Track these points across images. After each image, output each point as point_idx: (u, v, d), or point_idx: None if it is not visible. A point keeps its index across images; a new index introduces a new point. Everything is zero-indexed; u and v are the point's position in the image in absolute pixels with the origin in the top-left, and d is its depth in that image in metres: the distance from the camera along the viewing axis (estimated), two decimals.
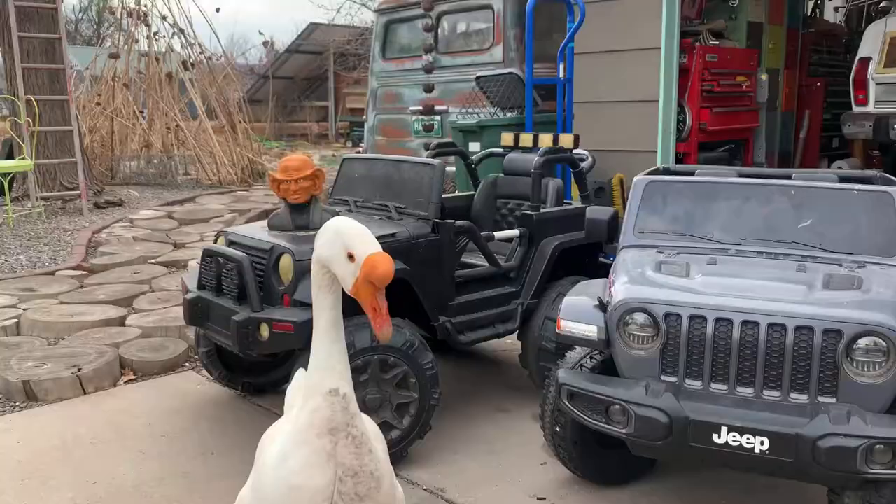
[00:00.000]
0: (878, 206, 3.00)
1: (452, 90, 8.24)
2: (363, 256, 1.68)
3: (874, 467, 2.34)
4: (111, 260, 6.73)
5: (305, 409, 1.78)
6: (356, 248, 1.69)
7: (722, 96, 7.39)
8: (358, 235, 1.71)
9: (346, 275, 1.70)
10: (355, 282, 1.68)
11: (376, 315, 1.71)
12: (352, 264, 1.68)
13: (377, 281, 1.66)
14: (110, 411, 3.92)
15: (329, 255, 1.73)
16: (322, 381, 1.78)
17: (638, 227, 3.27)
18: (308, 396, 1.79)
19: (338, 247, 1.71)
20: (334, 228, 1.74)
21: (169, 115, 12.39)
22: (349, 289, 1.71)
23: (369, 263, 1.66)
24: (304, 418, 1.77)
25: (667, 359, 2.65)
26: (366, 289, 1.68)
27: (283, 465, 1.76)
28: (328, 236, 1.74)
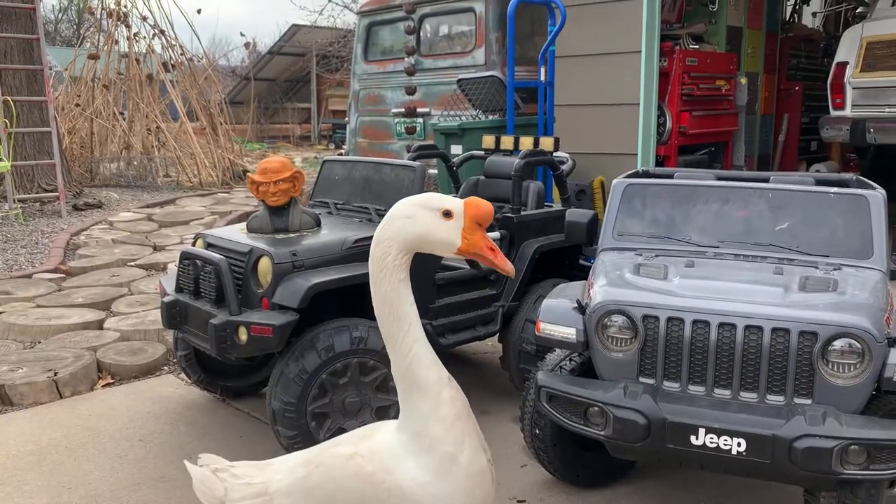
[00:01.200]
0: (853, 209, 3.03)
1: (435, 92, 8.24)
2: (460, 204, 1.69)
3: (849, 468, 2.36)
4: (89, 262, 6.67)
5: (438, 406, 1.72)
6: (447, 203, 1.70)
7: (702, 100, 7.44)
8: (440, 196, 1.72)
9: (450, 233, 1.69)
10: (463, 233, 1.69)
11: (496, 254, 1.71)
12: (451, 220, 1.69)
13: (485, 218, 1.69)
14: (87, 416, 3.88)
15: (423, 229, 1.70)
16: (440, 372, 1.76)
17: (617, 230, 3.28)
18: (427, 394, 1.73)
19: (429, 215, 1.69)
20: (413, 204, 1.72)
21: (149, 117, 12.31)
22: (456, 247, 1.70)
23: (471, 206, 1.69)
24: (447, 412, 1.72)
25: (645, 361, 2.66)
26: (476, 234, 1.69)
27: (455, 466, 1.71)
28: (410, 214, 1.71)
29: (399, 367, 1.77)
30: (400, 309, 1.75)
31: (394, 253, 1.73)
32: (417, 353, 1.75)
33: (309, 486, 1.81)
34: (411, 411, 1.75)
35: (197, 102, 12.84)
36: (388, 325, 1.77)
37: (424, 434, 1.72)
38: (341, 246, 3.38)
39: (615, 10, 6.50)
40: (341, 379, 3.18)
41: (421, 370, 1.74)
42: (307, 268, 3.24)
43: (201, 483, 1.97)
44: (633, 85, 6.41)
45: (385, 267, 1.74)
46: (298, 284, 3.13)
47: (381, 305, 1.76)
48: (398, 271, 1.74)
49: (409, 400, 1.76)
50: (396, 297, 1.74)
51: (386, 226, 1.74)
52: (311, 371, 3.09)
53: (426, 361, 1.75)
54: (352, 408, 3.22)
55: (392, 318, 1.75)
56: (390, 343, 1.78)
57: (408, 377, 1.75)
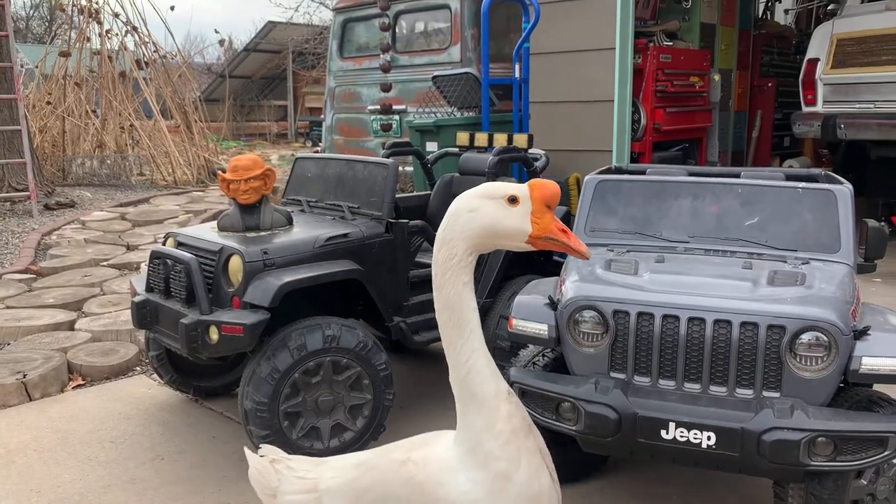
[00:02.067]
0: (821, 204, 3.07)
1: (410, 89, 8.23)
2: (525, 188, 1.62)
3: (816, 459, 2.38)
4: (61, 263, 6.58)
5: (494, 421, 1.64)
6: (510, 189, 1.62)
7: (676, 96, 7.51)
8: (498, 183, 1.65)
9: (519, 219, 1.61)
10: (532, 217, 1.61)
11: (569, 236, 1.64)
12: (517, 206, 1.61)
13: (553, 198, 1.61)
14: (56, 418, 3.82)
15: (490, 220, 1.61)
16: (499, 386, 1.67)
17: (589, 226, 3.29)
18: (483, 409, 1.65)
19: (493, 205, 1.61)
20: (475, 196, 1.63)
21: (123, 115, 12.15)
22: (527, 233, 1.62)
23: (537, 187, 1.61)
24: (503, 428, 1.64)
25: (616, 356, 2.67)
26: (546, 216, 1.62)
27: (508, 485, 1.62)
28: (473, 208, 1.62)
29: (456, 377, 1.68)
30: (462, 314, 1.66)
31: (460, 253, 1.64)
32: (475, 364, 1.66)
33: (358, 487, 1.77)
34: (467, 425, 1.68)
35: (171, 100, 12.71)
36: (448, 332, 1.68)
37: (479, 450, 1.65)
38: (313, 244, 3.36)
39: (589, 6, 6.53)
40: (314, 378, 3.16)
41: (478, 382, 1.65)
42: (278, 266, 3.22)
43: (257, 472, 1.93)
44: (608, 82, 6.45)
45: (450, 269, 1.64)
46: (269, 283, 3.10)
47: (444, 310, 1.67)
48: (463, 273, 1.65)
49: (465, 413, 1.68)
50: (459, 302, 1.65)
51: (449, 224, 1.65)
52: (284, 370, 3.07)
53: (484, 373, 1.66)
54: (325, 406, 3.20)
55: (452, 324, 1.66)
56: (449, 351, 1.69)
57: (465, 389, 1.67)
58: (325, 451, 3.19)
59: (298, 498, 1.85)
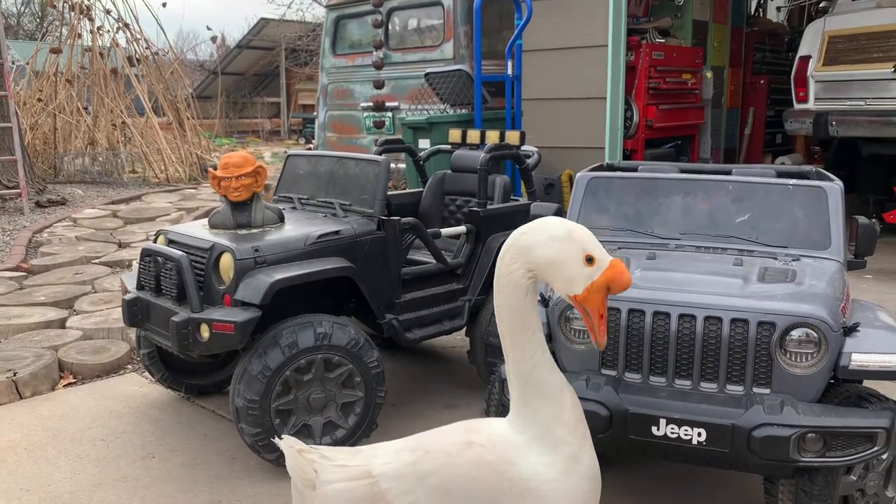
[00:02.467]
0: (811, 201, 3.08)
1: (403, 86, 8.22)
2: (607, 260, 1.64)
3: (806, 455, 2.39)
4: (52, 260, 6.55)
5: (562, 410, 1.74)
6: (596, 251, 1.64)
7: (668, 93, 7.52)
8: (594, 239, 1.66)
9: (578, 278, 1.65)
10: (589, 286, 1.64)
11: (602, 322, 1.68)
12: (588, 268, 1.63)
13: (618, 287, 1.64)
14: (47, 416, 3.81)
15: (557, 257, 1.64)
16: (561, 377, 1.77)
17: (580, 223, 3.29)
18: (551, 399, 1.74)
19: (572, 249, 1.63)
20: (564, 230, 1.66)
21: (114, 112, 12.11)
22: (574, 293, 1.66)
23: (616, 268, 1.64)
24: (571, 416, 1.75)
25: (607, 353, 2.67)
26: (599, 295, 1.65)
27: (578, 466, 1.73)
28: (555, 237, 1.65)
29: (520, 370, 1.76)
30: (525, 315, 1.73)
31: (521, 269, 1.69)
32: (541, 359, 1.75)
33: (421, 471, 1.75)
34: (530, 415, 1.75)
35: (163, 97, 12.67)
36: (511, 329, 1.74)
37: (548, 437, 1.73)
38: (305, 241, 3.35)
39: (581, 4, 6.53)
40: (305, 375, 3.16)
41: (545, 375, 1.75)
42: (270, 264, 3.21)
43: (294, 462, 1.85)
44: (600, 79, 6.46)
45: (512, 273, 1.70)
46: (261, 281, 3.10)
47: (505, 311, 1.74)
48: (524, 280, 1.70)
49: (528, 403, 1.75)
50: (521, 306, 1.72)
51: (529, 234, 1.69)
52: (275, 368, 3.06)
53: (549, 367, 1.76)
54: (316, 404, 3.20)
55: (514, 323, 1.73)
56: (511, 347, 1.76)
57: (530, 382, 1.75)
58: None
59: (348, 485, 1.79)
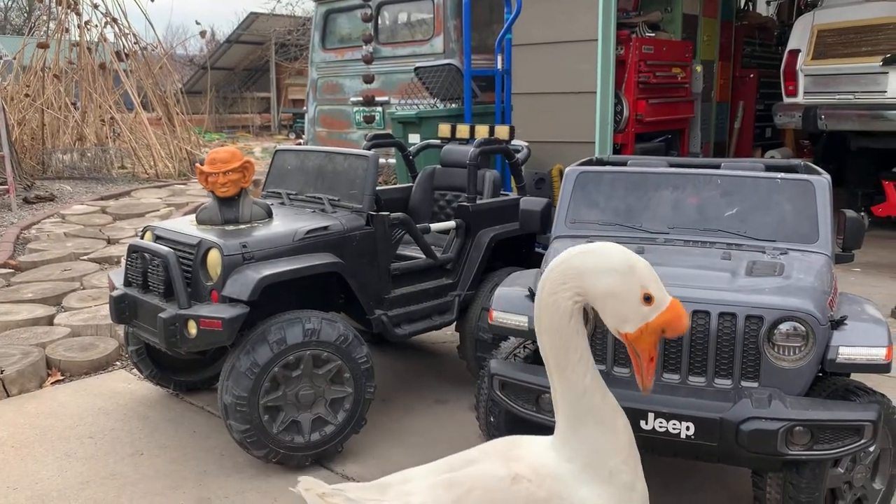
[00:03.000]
0: (799, 194, 3.08)
1: (393, 81, 8.20)
2: (667, 302, 1.53)
3: (794, 449, 2.40)
4: (40, 257, 6.51)
5: (616, 437, 1.64)
6: (656, 290, 1.53)
7: (658, 87, 7.51)
8: (655, 276, 1.54)
9: (632, 316, 1.54)
10: (642, 327, 1.53)
11: (651, 365, 1.59)
12: (645, 307, 1.52)
13: (674, 331, 1.54)
14: (35, 414, 3.79)
15: (613, 290, 1.53)
16: (613, 401, 1.67)
17: (569, 218, 3.29)
18: (604, 425, 1.64)
19: (631, 284, 1.52)
20: (627, 262, 1.54)
21: (103, 107, 12.03)
22: (626, 332, 1.56)
23: (675, 312, 1.53)
24: (624, 442, 1.66)
25: (596, 347, 2.67)
26: (652, 338, 1.55)
27: (633, 494, 1.66)
28: (615, 268, 1.53)
29: (569, 395, 1.65)
30: (570, 340, 1.62)
31: (568, 292, 1.58)
32: (591, 383, 1.64)
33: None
34: (581, 442, 1.64)
35: (152, 92, 12.59)
36: (556, 354, 1.64)
37: (601, 465, 1.63)
38: (293, 237, 3.34)
39: None
40: (294, 372, 3.14)
41: (597, 401, 1.65)
42: (257, 260, 3.19)
43: None
44: (590, 73, 6.44)
45: (557, 293, 1.59)
46: (248, 277, 3.08)
47: (546, 332, 1.63)
48: (568, 302, 1.58)
49: (580, 429, 1.64)
50: (564, 329, 1.61)
51: (586, 257, 1.57)
52: (263, 364, 3.05)
53: (600, 392, 1.66)
54: (305, 400, 3.19)
55: (557, 347, 1.63)
56: (557, 371, 1.66)
57: (581, 408, 1.64)
58: (307, 445, 3.18)
59: None
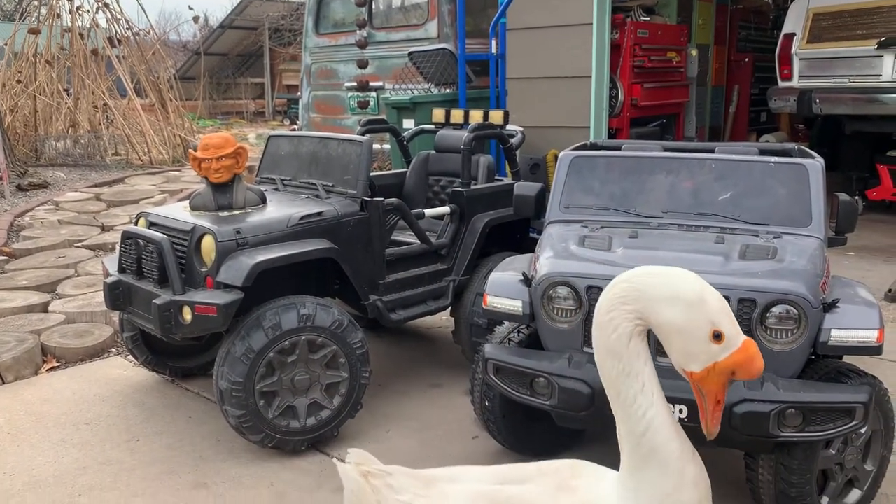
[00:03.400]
0: (793, 178, 3.08)
1: (388, 66, 8.16)
2: (739, 342, 1.37)
3: (786, 431, 2.42)
4: (34, 244, 6.49)
5: (680, 487, 1.44)
6: (728, 327, 1.37)
7: (653, 72, 7.50)
8: (728, 310, 1.38)
9: (699, 354, 1.38)
10: (710, 366, 1.38)
11: (717, 408, 1.42)
12: (714, 345, 1.36)
13: (745, 374, 1.38)
14: (30, 400, 3.79)
15: (678, 322, 1.38)
16: (683, 445, 1.48)
17: (563, 203, 3.29)
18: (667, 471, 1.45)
19: (700, 318, 1.37)
20: (697, 293, 1.38)
21: (96, 94, 11.95)
22: (691, 371, 1.40)
23: (747, 354, 1.37)
24: (690, 497, 1.46)
25: (589, 331, 2.68)
26: (720, 379, 1.39)
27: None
28: (683, 297, 1.38)
29: (631, 430, 1.48)
30: (629, 363, 1.46)
31: (626, 314, 1.43)
32: (655, 418, 1.45)
33: None
34: (643, 485, 1.47)
35: (145, 78, 12.52)
36: (614, 380, 1.48)
37: None
38: (287, 223, 3.33)
39: None
40: (289, 357, 3.15)
41: (660, 441, 1.45)
42: (252, 245, 3.19)
43: (353, 494, 1.61)
44: (585, 57, 6.41)
45: (614, 311, 1.44)
46: (243, 263, 3.08)
47: (603, 353, 1.48)
48: (626, 323, 1.44)
49: (642, 470, 1.47)
50: (625, 350, 1.45)
51: (652, 278, 1.43)
52: (258, 350, 3.06)
53: (667, 431, 1.45)
54: (301, 385, 3.20)
55: (616, 371, 1.47)
56: (616, 400, 1.50)
57: (642, 447, 1.46)
58: (302, 430, 3.20)
59: None
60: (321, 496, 2.94)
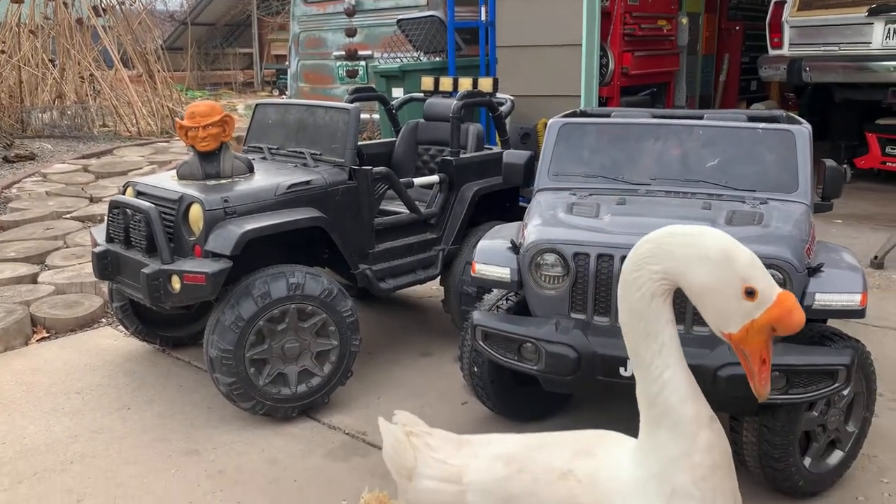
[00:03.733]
0: (780, 144, 3.09)
1: (376, 34, 8.08)
2: (773, 296, 1.33)
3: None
4: (22, 216, 6.45)
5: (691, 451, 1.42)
6: (761, 283, 1.33)
7: (644, 40, 7.46)
8: (760, 266, 1.35)
9: (733, 314, 1.35)
10: (747, 325, 1.35)
11: (764, 369, 1.39)
12: (748, 303, 1.33)
13: (786, 328, 1.34)
14: (21, 371, 3.80)
15: (707, 282, 1.35)
16: (700, 409, 1.46)
17: (552, 170, 3.29)
18: (679, 434, 1.43)
19: (728, 277, 1.34)
20: (722, 251, 1.35)
21: (82, 64, 11.79)
22: (728, 331, 1.37)
23: (784, 307, 1.33)
24: (702, 461, 1.42)
25: (576, 297, 2.70)
26: (760, 337, 1.35)
27: None
28: (708, 255, 1.35)
29: (646, 391, 1.48)
30: (648, 324, 1.45)
31: (652, 274, 1.42)
32: (671, 380, 1.44)
33: (508, 491, 1.58)
34: (655, 448, 1.46)
35: (132, 49, 12.35)
36: (634, 340, 1.48)
37: (667, 480, 1.43)
38: (275, 191, 3.33)
39: None
40: (279, 325, 3.17)
41: (674, 402, 1.44)
42: (240, 214, 3.19)
43: (392, 448, 1.72)
44: (576, 25, 6.37)
45: (641, 270, 1.43)
46: (231, 231, 3.08)
47: (628, 314, 1.48)
48: (651, 283, 1.42)
49: (654, 434, 1.46)
50: (643, 312, 1.44)
51: (678, 238, 1.40)
52: (248, 318, 3.07)
53: (682, 393, 1.44)
54: (291, 353, 3.22)
55: (638, 332, 1.47)
56: (636, 361, 1.50)
57: (656, 407, 1.46)
58: (293, 397, 3.22)
59: (439, 486, 1.65)
60: (312, 461, 2.97)
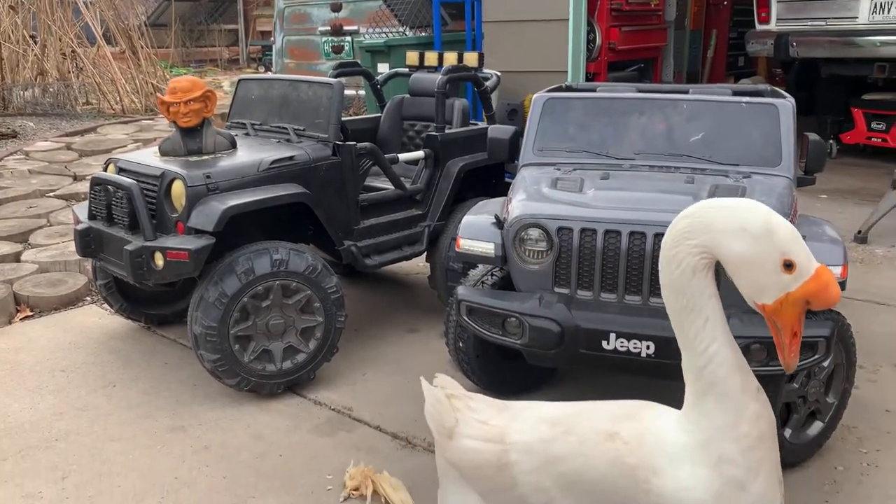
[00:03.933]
0: (764, 118, 3.09)
1: (362, 9, 8.00)
2: (812, 270, 1.34)
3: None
4: (5, 194, 6.38)
5: (739, 421, 1.45)
6: (799, 255, 1.34)
7: (631, 15, 7.42)
8: (799, 240, 1.36)
9: (770, 286, 1.36)
10: (782, 298, 1.35)
11: (794, 341, 1.40)
12: (786, 275, 1.34)
13: (821, 303, 1.35)
14: (4, 349, 3.78)
15: (746, 255, 1.36)
16: (747, 380, 1.49)
17: (537, 145, 3.28)
18: (727, 404, 1.46)
19: (768, 249, 1.34)
20: (763, 224, 1.36)
21: (63, 41, 11.62)
22: (762, 303, 1.39)
23: (822, 281, 1.34)
24: (749, 431, 1.45)
25: (560, 271, 2.71)
26: (795, 310, 1.36)
27: (741, 496, 1.45)
28: (749, 229, 1.36)
29: (693, 365, 1.50)
30: (693, 300, 1.46)
31: (692, 248, 1.42)
32: (717, 353, 1.46)
33: (554, 453, 1.60)
34: (702, 417, 1.49)
35: (115, 25, 12.18)
36: (677, 315, 1.50)
37: (713, 448, 1.46)
38: (258, 167, 3.30)
39: None
40: (263, 302, 3.16)
41: (721, 375, 1.46)
42: (222, 191, 3.17)
43: (433, 408, 1.74)
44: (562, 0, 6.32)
45: (679, 246, 1.44)
46: (213, 207, 3.06)
47: (670, 290, 1.49)
48: (691, 258, 1.43)
49: (702, 403, 1.49)
50: (685, 287, 1.45)
51: (718, 211, 1.41)
52: (232, 295, 3.06)
53: (729, 364, 1.47)
54: (276, 330, 3.21)
55: (680, 307, 1.48)
56: (680, 335, 1.52)
57: (704, 378, 1.48)
58: (279, 373, 3.23)
59: (481, 446, 1.67)
60: (298, 437, 2.98)
